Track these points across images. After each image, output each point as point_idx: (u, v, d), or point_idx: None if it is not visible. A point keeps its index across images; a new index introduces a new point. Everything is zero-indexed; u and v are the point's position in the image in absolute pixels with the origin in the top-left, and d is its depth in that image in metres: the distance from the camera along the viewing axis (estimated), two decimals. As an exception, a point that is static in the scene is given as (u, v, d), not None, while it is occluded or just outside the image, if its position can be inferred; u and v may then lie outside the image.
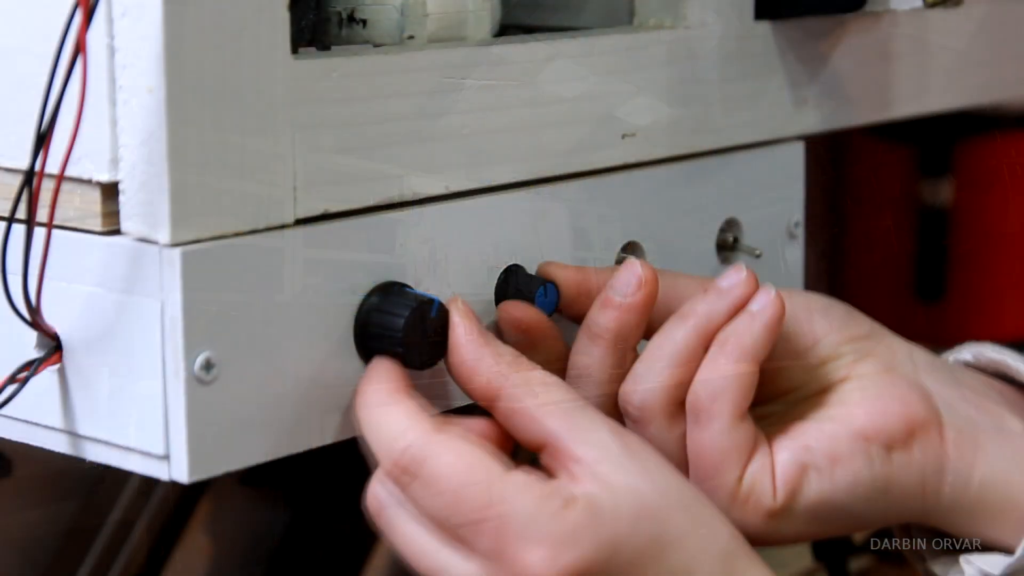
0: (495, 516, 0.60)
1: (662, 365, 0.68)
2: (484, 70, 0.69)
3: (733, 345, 0.67)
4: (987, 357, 0.74)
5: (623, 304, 0.68)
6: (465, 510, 0.60)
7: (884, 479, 0.68)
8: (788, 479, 0.67)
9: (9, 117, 0.63)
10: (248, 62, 0.60)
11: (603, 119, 0.74)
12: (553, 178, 0.73)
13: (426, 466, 0.61)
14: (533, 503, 0.60)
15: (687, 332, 0.68)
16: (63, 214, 0.61)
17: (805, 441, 0.68)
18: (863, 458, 0.68)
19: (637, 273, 0.68)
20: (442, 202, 0.68)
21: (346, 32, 0.72)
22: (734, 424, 0.67)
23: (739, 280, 0.69)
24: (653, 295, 0.68)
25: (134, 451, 0.61)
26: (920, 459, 0.69)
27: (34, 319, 0.61)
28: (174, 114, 0.58)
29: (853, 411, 0.69)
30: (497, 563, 0.60)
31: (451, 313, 0.65)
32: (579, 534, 0.60)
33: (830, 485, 0.68)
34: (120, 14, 0.59)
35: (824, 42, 0.85)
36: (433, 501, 0.61)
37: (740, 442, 0.67)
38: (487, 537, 0.60)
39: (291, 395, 0.63)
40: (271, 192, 0.61)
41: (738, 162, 0.82)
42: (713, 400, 0.67)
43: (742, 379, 0.67)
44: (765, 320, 0.68)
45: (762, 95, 0.82)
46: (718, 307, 0.68)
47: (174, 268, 0.59)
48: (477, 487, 0.60)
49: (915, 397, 0.70)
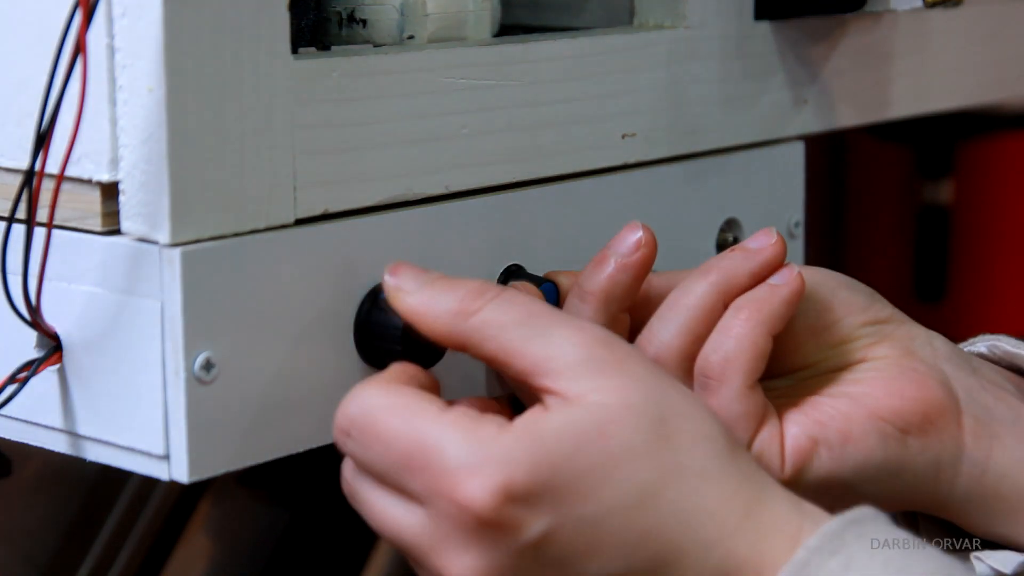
0: (422, 455, 0.58)
1: (679, 319, 0.66)
2: (484, 70, 0.69)
3: (749, 312, 0.66)
4: (1002, 349, 0.73)
5: (619, 263, 0.67)
6: (395, 456, 0.58)
7: (897, 462, 0.67)
8: (797, 452, 0.66)
9: (9, 117, 0.63)
10: (248, 62, 0.60)
11: (603, 119, 0.74)
12: (553, 178, 0.73)
13: (358, 421, 0.59)
14: (462, 435, 0.58)
15: (707, 288, 0.67)
16: (63, 214, 0.61)
17: (818, 416, 0.67)
18: (877, 438, 0.67)
19: (638, 234, 0.67)
20: (442, 202, 0.68)
21: (346, 32, 0.72)
22: (744, 391, 0.65)
23: (768, 243, 0.68)
24: (650, 258, 0.67)
25: (134, 451, 0.61)
26: (936, 445, 0.67)
27: (34, 319, 0.61)
28: (174, 114, 0.58)
29: (870, 390, 0.68)
30: (435, 503, 0.57)
31: (386, 282, 0.63)
32: (511, 459, 0.57)
33: (840, 463, 0.66)
34: (120, 14, 0.59)
35: (824, 42, 0.85)
36: (368, 455, 0.59)
37: (749, 409, 0.65)
38: (420, 478, 0.58)
39: (291, 395, 0.63)
40: (271, 192, 0.61)
41: (738, 162, 0.82)
42: (725, 366, 0.65)
43: (755, 348, 0.65)
44: (784, 295, 0.66)
45: (762, 95, 0.82)
46: (742, 267, 0.67)
47: (174, 268, 0.59)
48: (403, 431, 0.58)
49: (934, 382, 0.68)
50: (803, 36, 0.83)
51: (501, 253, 0.70)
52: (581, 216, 0.73)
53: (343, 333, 0.64)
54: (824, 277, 0.70)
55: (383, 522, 0.60)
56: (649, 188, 0.77)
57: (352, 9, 0.71)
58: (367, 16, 0.71)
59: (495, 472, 0.57)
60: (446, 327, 0.61)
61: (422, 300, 0.62)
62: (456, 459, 0.57)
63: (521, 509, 0.57)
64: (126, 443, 0.61)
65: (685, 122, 0.78)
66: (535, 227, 0.71)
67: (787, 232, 0.85)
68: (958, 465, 0.68)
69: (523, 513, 0.57)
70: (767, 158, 0.84)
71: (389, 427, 0.59)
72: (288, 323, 0.62)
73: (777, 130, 0.84)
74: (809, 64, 0.84)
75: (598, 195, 0.74)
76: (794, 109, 0.84)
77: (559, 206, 0.73)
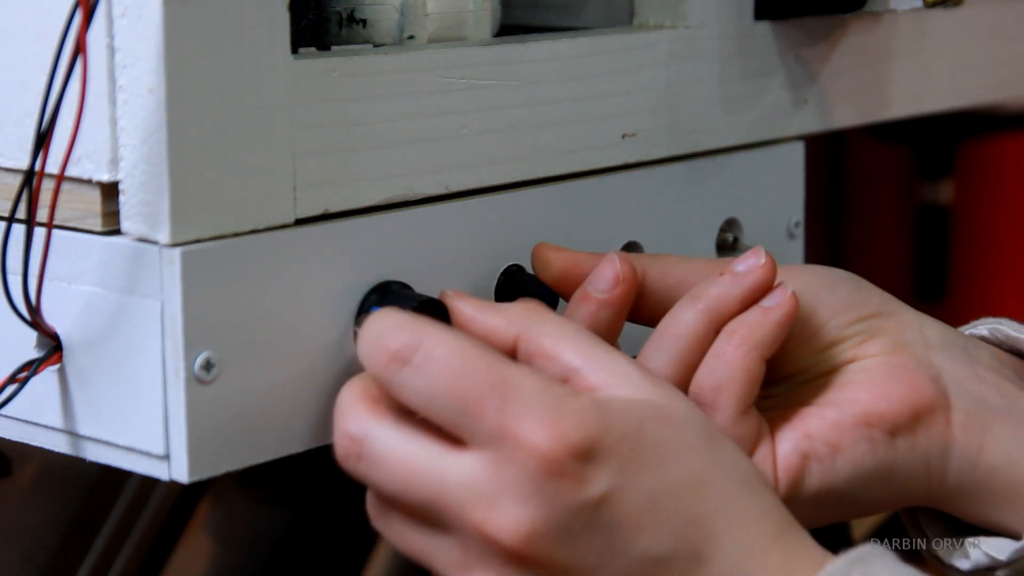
0: (498, 395, 0.57)
1: (670, 348, 0.66)
2: (484, 70, 0.69)
3: (742, 337, 0.66)
4: (1003, 333, 0.72)
5: (599, 300, 0.67)
6: (465, 391, 0.57)
7: (888, 465, 0.67)
8: (789, 470, 0.66)
9: (9, 117, 0.63)
10: (248, 62, 0.60)
11: (603, 119, 0.74)
12: (553, 178, 0.73)
13: (420, 350, 0.58)
14: (539, 384, 0.57)
15: (696, 315, 0.66)
16: (63, 214, 0.61)
17: (806, 429, 0.67)
18: (866, 445, 0.67)
19: (615, 269, 0.67)
20: (442, 202, 0.68)
21: (346, 32, 0.72)
22: (737, 417, 0.65)
23: (756, 265, 0.67)
24: (630, 293, 0.67)
25: (134, 451, 0.61)
26: (924, 443, 0.67)
27: (34, 319, 0.61)
28: (174, 114, 0.58)
29: (856, 396, 0.68)
30: (498, 445, 0.57)
31: (448, 298, 0.64)
32: (585, 416, 0.57)
33: (832, 474, 0.66)
34: (120, 14, 0.59)
35: (824, 42, 0.85)
36: (428, 385, 0.58)
37: (743, 434, 0.65)
38: (489, 417, 0.57)
39: (291, 395, 0.63)
40: (271, 192, 0.61)
41: (738, 162, 0.82)
42: (717, 392, 0.65)
43: (748, 374, 0.66)
44: (777, 317, 0.66)
45: (762, 95, 0.82)
46: (731, 292, 0.67)
47: (174, 268, 0.59)
48: (478, 368, 0.57)
49: (923, 379, 0.68)
50: (803, 36, 0.83)
51: (501, 253, 0.70)
52: (581, 216, 0.73)
53: (343, 333, 0.64)
54: (805, 277, 0.70)
55: (423, 476, 0.58)
56: (649, 188, 0.77)
57: (352, 9, 0.71)
58: (367, 16, 0.71)
59: (569, 424, 0.57)
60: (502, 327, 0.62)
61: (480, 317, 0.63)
62: (531, 405, 0.57)
63: (588, 465, 0.57)
64: (126, 443, 0.61)
65: (685, 122, 0.78)
66: (535, 227, 0.71)
67: (787, 232, 0.85)
68: (947, 460, 0.68)
69: (589, 469, 0.57)
70: (767, 158, 0.84)
71: (461, 363, 0.58)
72: (288, 323, 0.62)
73: (777, 130, 0.84)
74: (809, 64, 0.84)
75: (598, 195, 0.74)
76: (794, 109, 0.84)
77: (559, 206, 0.73)
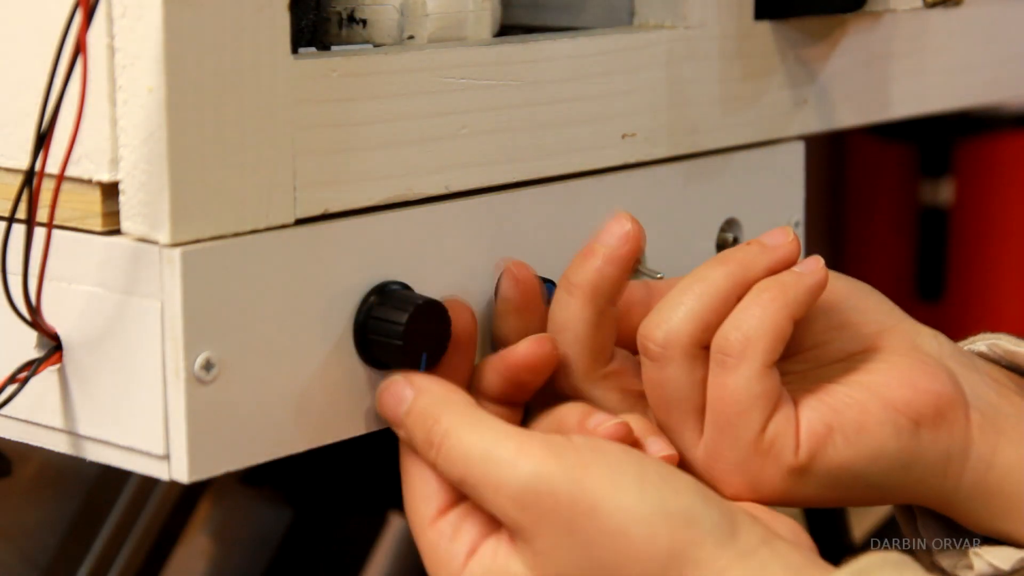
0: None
1: (692, 303, 0.66)
2: (484, 70, 0.69)
3: (774, 293, 0.65)
4: (1002, 348, 0.72)
5: (606, 255, 0.66)
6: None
7: (909, 455, 0.67)
8: (813, 437, 0.65)
9: (9, 117, 0.63)
10: (248, 62, 0.60)
11: (603, 119, 0.74)
12: (553, 178, 0.73)
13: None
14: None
15: (723, 275, 0.66)
16: (63, 214, 0.61)
17: (833, 403, 0.66)
18: (891, 429, 0.66)
19: (625, 227, 0.67)
20: (442, 202, 0.68)
21: (346, 32, 0.72)
22: (763, 371, 0.64)
23: (784, 241, 0.67)
24: (636, 251, 0.67)
25: (134, 451, 0.61)
26: (947, 439, 0.67)
27: (34, 319, 0.61)
28: (174, 114, 0.58)
29: (884, 380, 0.67)
30: None
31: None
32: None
33: (854, 452, 0.66)
34: (120, 14, 0.59)
35: (824, 42, 0.85)
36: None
37: (768, 391, 0.65)
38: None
39: (291, 395, 0.63)
40: (271, 192, 0.61)
41: (738, 162, 0.82)
42: (746, 344, 0.64)
43: (777, 329, 0.65)
44: (809, 283, 0.66)
45: (762, 95, 0.82)
46: (759, 260, 0.67)
47: (174, 268, 0.59)
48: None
49: (944, 376, 0.68)
50: (803, 36, 0.83)
51: (501, 253, 0.70)
52: (581, 216, 0.73)
53: (343, 333, 0.64)
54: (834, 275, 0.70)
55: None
56: (649, 188, 0.77)
57: (352, 9, 0.71)
58: (367, 16, 0.71)
59: None
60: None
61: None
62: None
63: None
64: (126, 443, 0.61)
65: (685, 122, 0.78)
66: (535, 227, 0.71)
67: (787, 232, 0.85)
68: (966, 460, 0.68)
69: None
70: (767, 158, 0.84)
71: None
72: (288, 323, 0.62)
73: (777, 130, 0.84)
74: (809, 64, 0.84)
75: (598, 195, 0.74)
76: (794, 109, 0.84)
77: (559, 206, 0.73)
